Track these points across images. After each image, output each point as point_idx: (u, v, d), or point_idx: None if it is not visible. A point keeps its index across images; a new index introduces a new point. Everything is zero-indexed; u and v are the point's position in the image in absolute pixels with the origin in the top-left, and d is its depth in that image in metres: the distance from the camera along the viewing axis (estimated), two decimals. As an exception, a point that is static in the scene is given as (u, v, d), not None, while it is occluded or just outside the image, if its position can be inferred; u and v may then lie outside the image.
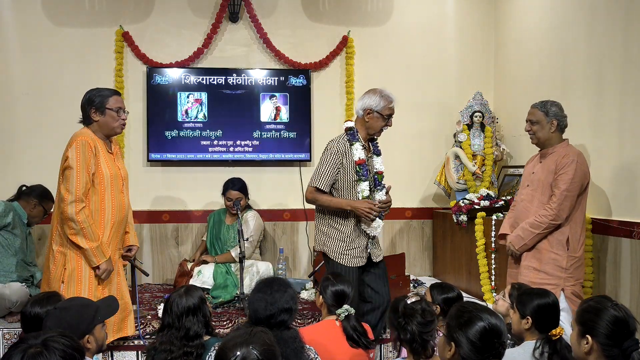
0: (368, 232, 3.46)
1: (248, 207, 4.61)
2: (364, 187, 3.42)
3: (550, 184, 3.40)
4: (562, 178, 3.35)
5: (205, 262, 4.43)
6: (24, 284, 3.84)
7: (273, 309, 2.39)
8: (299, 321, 3.76)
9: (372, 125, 3.49)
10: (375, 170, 3.54)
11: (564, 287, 3.32)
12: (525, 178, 3.65)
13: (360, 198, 3.42)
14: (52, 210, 4.02)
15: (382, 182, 3.54)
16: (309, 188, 3.49)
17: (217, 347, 1.83)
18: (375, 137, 3.59)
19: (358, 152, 3.44)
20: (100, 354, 3.22)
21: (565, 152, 3.42)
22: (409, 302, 2.33)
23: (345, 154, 3.44)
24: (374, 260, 3.53)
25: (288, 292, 2.46)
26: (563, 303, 3.26)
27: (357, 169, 3.43)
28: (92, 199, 3.12)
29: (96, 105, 3.19)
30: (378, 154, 3.59)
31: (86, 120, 3.24)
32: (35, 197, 4.07)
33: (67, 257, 3.10)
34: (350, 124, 3.53)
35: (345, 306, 2.81)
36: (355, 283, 3.35)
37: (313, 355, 2.46)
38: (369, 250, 3.50)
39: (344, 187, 3.46)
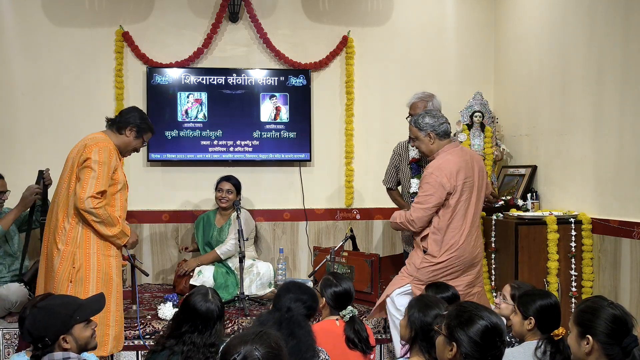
0: None
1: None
2: (412, 183, 3.86)
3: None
4: (420, 190, 3.38)
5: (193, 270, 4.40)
6: (22, 284, 3.84)
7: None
8: (299, 321, 3.76)
9: None
10: None
11: (412, 283, 3.32)
12: None
13: (410, 192, 3.86)
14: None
15: None
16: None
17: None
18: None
19: (412, 152, 3.84)
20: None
21: (430, 164, 3.38)
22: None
23: (402, 155, 3.96)
24: None
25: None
26: (406, 298, 3.22)
27: (410, 167, 3.90)
28: (106, 201, 3.20)
29: (138, 128, 3.36)
30: None
31: (116, 127, 3.35)
32: None
33: (77, 256, 3.14)
34: None
35: (350, 307, 2.80)
36: None
37: (324, 356, 2.47)
38: None
39: (404, 184, 4.00)
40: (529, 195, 4.49)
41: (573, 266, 3.96)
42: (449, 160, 3.32)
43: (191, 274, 4.36)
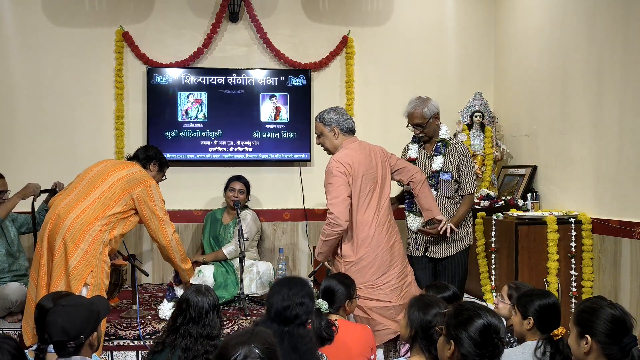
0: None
1: (245, 207, 4.59)
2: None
3: None
4: (329, 187, 3.30)
5: (197, 263, 4.40)
6: (22, 283, 3.84)
7: (289, 302, 2.41)
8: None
9: None
10: (431, 170, 3.72)
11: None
12: None
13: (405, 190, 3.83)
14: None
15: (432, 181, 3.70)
16: None
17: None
18: (437, 138, 3.75)
19: (409, 151, 3.84)
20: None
21: (330, 160, 3.36)
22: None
23: (404, 153, 3.91)
24: (428, 256, 3.67)
25: (305, 289, 2.49)
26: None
27: None
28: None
29: (160, 163, 3.74)
30: (438, 154, 3.72)
31: (141, 163, 3.63)
32: None
33: (97, 261, 3.19)
34: None
35: (318, 301, 2.75)
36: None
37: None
38: (425, 245, 3.68)
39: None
40: (529, 195, 4.49)
41: (573, 266, 3.96)
42: (347, 154, 3.33)
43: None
